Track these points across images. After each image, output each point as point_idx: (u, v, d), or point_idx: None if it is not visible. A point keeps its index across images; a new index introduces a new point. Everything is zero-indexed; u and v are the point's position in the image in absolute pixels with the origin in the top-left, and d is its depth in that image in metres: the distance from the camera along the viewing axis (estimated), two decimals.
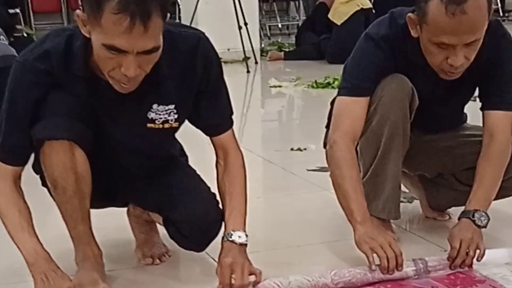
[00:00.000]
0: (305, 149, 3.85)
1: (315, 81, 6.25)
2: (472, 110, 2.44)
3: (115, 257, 2.27)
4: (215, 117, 2.03)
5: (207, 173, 2.17)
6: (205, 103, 2.01)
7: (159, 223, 2.19)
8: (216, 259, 2.05)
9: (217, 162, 2.08)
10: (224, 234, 1.98)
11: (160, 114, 1.96)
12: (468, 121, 2.52)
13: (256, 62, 7.94)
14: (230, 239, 1.96)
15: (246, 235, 1.97)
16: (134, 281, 2.16)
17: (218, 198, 2.09)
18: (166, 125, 1.98)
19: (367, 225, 2.11)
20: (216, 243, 2.07)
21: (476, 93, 2.35)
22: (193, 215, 2.03)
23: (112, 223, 2.43)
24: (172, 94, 1.96)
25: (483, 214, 2.15)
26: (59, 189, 1.94)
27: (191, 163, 2.29)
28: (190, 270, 2.23)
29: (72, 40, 1.87)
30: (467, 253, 2.07)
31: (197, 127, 2.07)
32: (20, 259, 1.95)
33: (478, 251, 2.08)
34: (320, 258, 2.36)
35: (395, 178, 2.27)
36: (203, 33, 2.01)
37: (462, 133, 2.44)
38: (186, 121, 2.07)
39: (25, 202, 1.94)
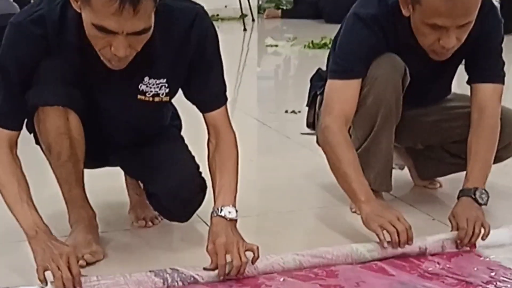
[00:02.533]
0: (299, 111, 3.86)
1: (312, 41, 6.24)
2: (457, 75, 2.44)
3: (108, 219, 2.29)
4: (206, 93, 2.01)
5: (200, 138, 2.17)
6: (197, 79, 2.00)
7: None
8: (209, 222, 2.09)
9: (208, 140, 2.04)
10: (213, 209, 1.95)
11: (151, 87, 1.95)
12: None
13: (253, 20, 7.92)
14: (220, 214, 1.92)
15: (236, 211, 1.94)
16: (127, 244, 2.18)
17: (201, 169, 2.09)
18: (156, 99, 1.98)
19: (371, 203, 2.08)
20: (210, 207, 2.06)
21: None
22: (171, 190, 2.03)
23: (106, 185, 2.45)
24: (165, 69, 1.95)
25: (483, 191, 2.14)
26: (54, 153, 1.95)
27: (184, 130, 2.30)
28: (182, 233, 2.25)
29: (67, 8, 1.85)
30: (473, 232, 2.05)
31: (190, 101, 2.06)
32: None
33: (483, 230, 2.06)
34: (310, 224, 2.39)
35: (387, 154, 2.29)
36: (202, 8, 1.98)
37: (447, 105, 2.44)
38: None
39: (22, 172, 1.92)
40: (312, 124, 2.55)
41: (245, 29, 7.37)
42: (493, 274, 1.94)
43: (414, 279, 1.91)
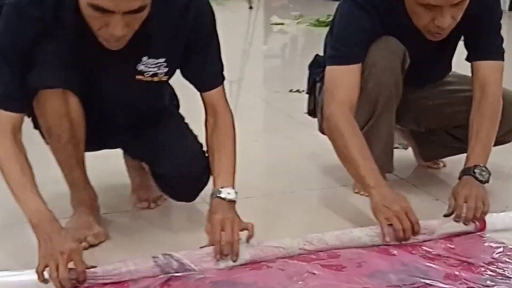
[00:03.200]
0: (303, 90, 3.84)
1: (318, 20, 6.20)
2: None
3: (110, 201, 2.29)
4: (203, 72, 2.01)
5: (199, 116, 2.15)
6: (194, 58, 1.98)
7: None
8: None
9: (206, 120, 2.03)
10: (212, 191, 1.94)
11: (149, 67, 1.94)
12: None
13: None
14: (219, 195, 1.91)
15: (236, 192, 1.93)
16: (130, 225, 2.18)
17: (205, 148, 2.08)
18: (155, 78, 1.96)
19: (381, 189, 2.04)
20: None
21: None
22: (178, 169, 2.03)
23: (106, 167, 2.44)
24: (163, 48, 1.93)
25: (484, 169, 2.12)
26: (54, 136, 1.94)
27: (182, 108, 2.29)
28: (185, 214, 2.25)
29: None
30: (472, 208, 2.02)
31: (187, 80, 2.05)
32: None
33: (483, 207, 2.03)
34: (313, 205, 2.38)
35: (388, 137, 2.29)
36: None
37: (450, 88, 2.41)
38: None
39: (27, 159, 1.86)
40: (313, 111, 2.52)
41: (250, 7, 7.33)
42: (495, 255, 1.93)
43: (416, 259, 1.90)
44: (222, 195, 1.91)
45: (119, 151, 2.32)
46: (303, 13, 6.66)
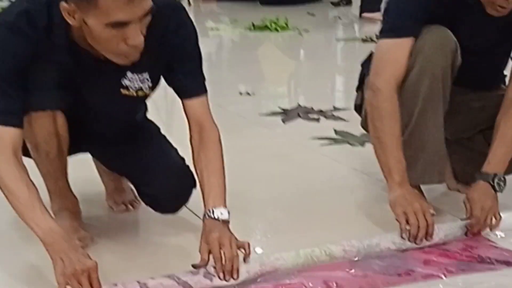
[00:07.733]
0: (253, 93, 3.93)
1: (253, 24, 6.30)
2: None
3: (88, 207, 2.27)
4: (187, 80, 1.98)
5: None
6: (177, 69, 1.98)
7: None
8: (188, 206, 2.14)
9: (191, 137, 1.99)
10: (204, 212, 1.89)
11: (134, 82, 1.95)
12: None
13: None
14: (212, 216, 1.88)
15: (228, 212, 1.89)
16: (111, 229, 2.20)
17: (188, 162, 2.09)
18: (140, 93, 1.98)
19: (405, 187, 2.01)
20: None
21: None
22: (165, 189, 2.07)
23: (80, 174, 2.42)
24: (146, 63, 1.92)
25: (502, 179, 2.08)
26: (42, 152, 1.96)
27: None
28: (164, 215, 2.25)
29: (52, 7, 1.82)
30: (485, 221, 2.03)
31: (170, 86, 2.03)
32: None
33: (494, 220, 2.04)
34: (293, 204, 2.42)
35: (436, 140, 2.13)
36: (180, 3, 2.00)
37: (496, 93, 2.26)
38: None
39: (30, 178, 1.82)
40: (359, 106, 2.34)
41: None
42: (468, 242, 2.03)
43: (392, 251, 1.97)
44: (215, 216, 1.88)
45: (86, 160, 2.32)
46: (236, 17, 6.74)
